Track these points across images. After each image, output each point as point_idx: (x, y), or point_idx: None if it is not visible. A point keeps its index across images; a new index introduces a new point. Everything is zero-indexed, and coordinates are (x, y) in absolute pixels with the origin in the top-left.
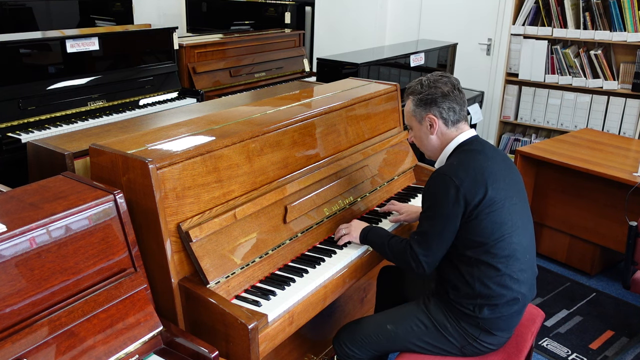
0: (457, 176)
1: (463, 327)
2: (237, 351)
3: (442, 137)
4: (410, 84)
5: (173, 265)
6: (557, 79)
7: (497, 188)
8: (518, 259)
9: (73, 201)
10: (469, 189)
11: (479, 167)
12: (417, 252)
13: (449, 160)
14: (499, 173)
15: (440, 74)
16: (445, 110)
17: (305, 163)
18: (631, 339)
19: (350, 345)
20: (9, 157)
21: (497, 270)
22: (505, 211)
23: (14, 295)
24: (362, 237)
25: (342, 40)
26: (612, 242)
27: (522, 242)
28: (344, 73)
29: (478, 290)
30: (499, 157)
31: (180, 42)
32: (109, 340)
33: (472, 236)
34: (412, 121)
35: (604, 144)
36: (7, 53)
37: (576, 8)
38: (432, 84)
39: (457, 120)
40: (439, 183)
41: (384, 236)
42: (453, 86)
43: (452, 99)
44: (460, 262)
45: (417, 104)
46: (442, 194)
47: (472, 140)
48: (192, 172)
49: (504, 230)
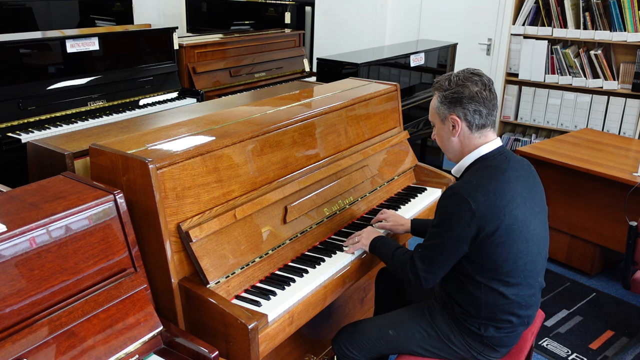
0: (474, 199)
1: (467, 341)
2: (237, 351)
3: (464, 141)
4: (439, 77)
5: (173, 265)
6: (557, 79)
7: (517, 215)
8: (529, 285)
9: (73, 201)
10: (485, 215)
11: (500, 190)
12: (417, 267)
13: (467, 174)
14: (522, 195)
15: (472, 71)
16: (470, 113)
17: (305, 163)
18: (631, 339)
19: (350, 347)
20: (9, 157)
21: (507, 299)
22: (522, 239)
23: (14, 295)
24: (372, 246)
25: (342, 40)
26: (612, 242)
27: (535, 267)
28: (344, 73)
29: (485, 315)
30: (524, 174)
31: (180, 42)
32: (109, 340)
33: (483, 261)
34: (435, 118)
35: (604, 144)
36: (7, 53)
37: (576, 8)
38: (461, 82)
39: (483, 126)
40: (454, 202)
41: (391, 247)
42: (484, 87)
43: (479, 101)
44: (469, 284)
45: (441, 101)
46: (455, 215)
47: (496, 153)
48: (192, 172)
49: (518, 259)
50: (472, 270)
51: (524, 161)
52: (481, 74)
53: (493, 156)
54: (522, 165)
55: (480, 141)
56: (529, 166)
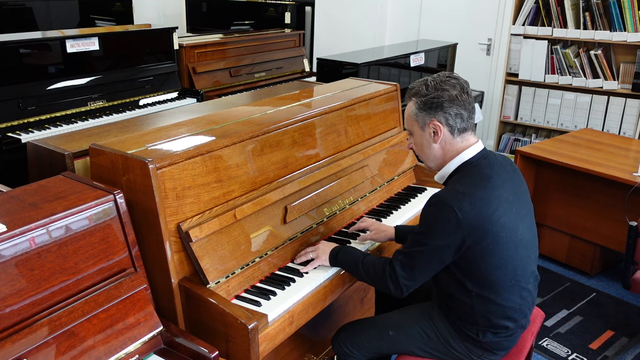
0: (461, 208)
1: (467, 346)
2: (237, 351)
3: (446, 146)
4: (413, 84)
5: (173, 265)
6: (557, 79)
7: (504, 222)
8: (522, 288)
9: (73, 201)
10: (470, 224)
11: (486, 198)
12: (398, 274)
13: (452, 181)
14: (509, 200)
15: (447, 74)
16: (452, 117)
17: (305, 163)
18: (631, 339)
19: (349, 346)
20: (9, 157)
21: (499, 305)
22: (511, 244)
23: (14, 295)
24: (332, 258)
25: (342, 40)
26: (612, 242)
27: (526, 270)
28: (344, 73)
29: (481, 321)
30: (508, 177)
31: (180, 42)
32: (109, 340)
33: (472, 269)
34: (413, 126)
35: (604, 144)
36: (7, 53)
37: (576, 8)
38: (439, 86)
39: (464, 129)
40: (439, 210)
41: (357, 256)
42: (462, 89)
43: (460, 104)
44: (461, 293)
45: (420, 107)
46: (440, 224)
47: (480, 158)
48: (192, 172)
49: (508, 264)
50: (462, 279)
51: (507, 161)
52: (457, 77)
53: (477, 161)
54: (506, 168)
55: (462, 145)
56: (512, 165)
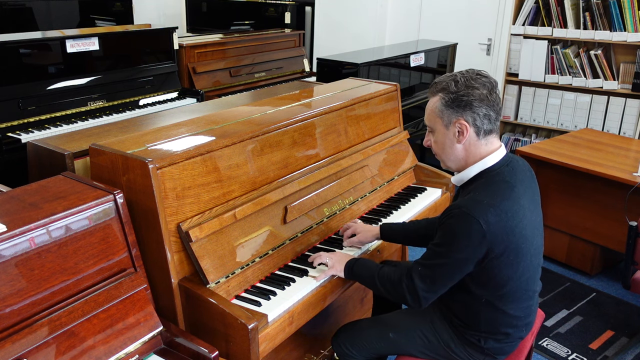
0: (486, 221)
1: (468, 351)
2: (237, 351)
3: (470, 148)
4: (439, 78)
5: (173, 265)
6: (557, 79)
7: (526, 234)
8: (529, 297)
9: (73, 201)
10: (495, 236)
11: (511, 209)
12: (417, 286)
13: (473, 188)
14: (529, 209)
15: (477, 71)
16: (480, 117)
17: (305, 163)
18: (631, 339)
19: (349, 346)
20: (9, 157)
21: (507, 314)
22: (528, 255)
23: (14, 295)
24: (347, 270)
25: (342, 40)
26: (612, 242)
27: (536, 278)
28: (344, 73)
29: (485, 328)
30: (528, 183)
31: (180, 42)
32: (109, 340)
33: (488, 280)
34: (436, 123)
35: (604, 144)
36: (7, 53)
37: (576, 8)
38: (469, 83)
39: (490, 131)
40: (463, 223)
41: (373, 268)
42: (492, 88)
43: (489, 104)
44: (471, 300)
45: (447, 104)
46: (464, 236)
47: (502, 165)
48: (192, 172)
49: (522, 275)
50: (474, 288)
51: (525, 166)
52: (487, 75)
53: (499, 168)
54: (526, 174)
55: (485, 149)
56: (531, 171)
